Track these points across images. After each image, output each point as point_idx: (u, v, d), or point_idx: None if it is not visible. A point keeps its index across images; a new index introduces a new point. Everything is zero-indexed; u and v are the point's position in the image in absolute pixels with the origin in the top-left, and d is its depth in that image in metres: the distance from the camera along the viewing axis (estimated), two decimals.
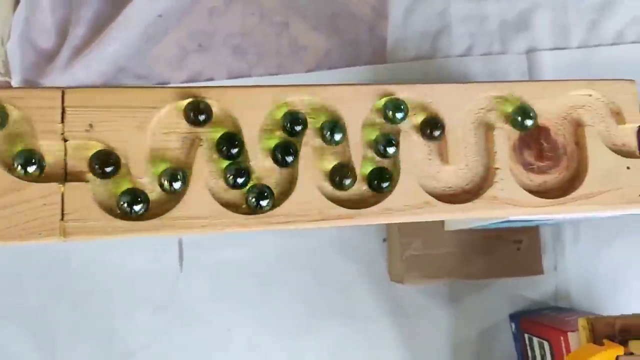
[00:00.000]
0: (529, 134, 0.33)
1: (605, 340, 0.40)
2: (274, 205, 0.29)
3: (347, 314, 0.59)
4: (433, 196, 0.31)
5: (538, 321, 0.52)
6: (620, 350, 0.39)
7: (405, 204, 0.31)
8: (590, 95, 0.34)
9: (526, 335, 0.53)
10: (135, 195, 0.28)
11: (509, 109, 0.32)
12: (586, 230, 0.59)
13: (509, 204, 0.32)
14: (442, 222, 0.53)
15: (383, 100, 0.31)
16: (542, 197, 0.32)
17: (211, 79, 0.62)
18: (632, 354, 0.39)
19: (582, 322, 0.42)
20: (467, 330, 0.58)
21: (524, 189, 0.32)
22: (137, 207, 0.28)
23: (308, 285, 0.59)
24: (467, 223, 0.47)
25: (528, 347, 0.53)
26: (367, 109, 0.31)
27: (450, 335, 0.58)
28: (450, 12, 0.63)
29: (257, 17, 0.63)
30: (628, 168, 0.33)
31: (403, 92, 0.32)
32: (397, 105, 0.31)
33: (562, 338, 0.45)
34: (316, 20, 0.63)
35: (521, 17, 0.63)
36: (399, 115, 0.31)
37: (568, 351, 0.45)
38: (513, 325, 0.57)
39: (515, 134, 0.33)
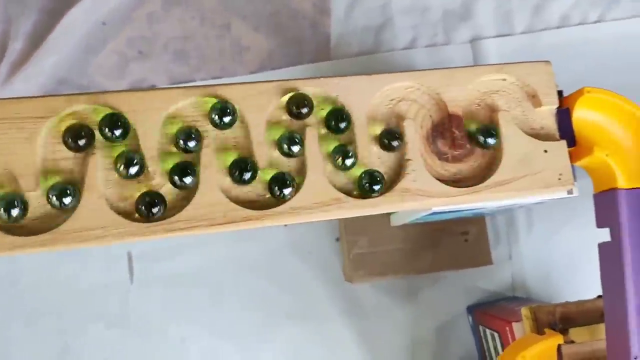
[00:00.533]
0: (441, 123, 0.32)
1: (546, 329, 0.40)
2: (173, 210, 0.28)
3: (304, 316, 0.58)
4: (343, 192, 0.30)
5: (489, 312, 0.51)
6: (560, 338, 0.38)
7: (314, 202, 0.30)
8: (505, 80, 0.33)
9: (480, 327, 0.53)
10: (11, 203, 0.27)
11: (420, 98, 0.31)
12: (539, 217, 0.59)
13: (421, 195, 0.31)
14: (389, 218, 0.52)
15: (287, 97, 0.31)
16: (457, 187, 0.31)
17: (153, 86, 0.61)
18: (572, 341, 0.39)
19: (524, 312, 0.42)
20: (425, 325, 0.57)
21: (439, 179, 0.31)
22: (13, 212, 0.27)
23: (263, 290, 0.58)
24: (407, 217, 0.46)
25: (483, 339, 0.53)
26: (271, 106, 0.31)
27: (409, 331, 0.58)
28: (392, 5, 0.62)
29: (197, 21, 0.62)
30: (545, 151, 0.32)
31: (307, 87, 0.31)
32: (300, 100, 0.30)
33: (507, 328, 0.44)
34: (257, 20, 0.62)
35: (464, 6, 0.63)
36: (303, 110, 0.30)
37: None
38: (470, 318, 0.56)
39: (428, 123, 0.32)
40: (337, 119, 0.30)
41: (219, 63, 0.61)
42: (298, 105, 0.30)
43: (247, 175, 0.29)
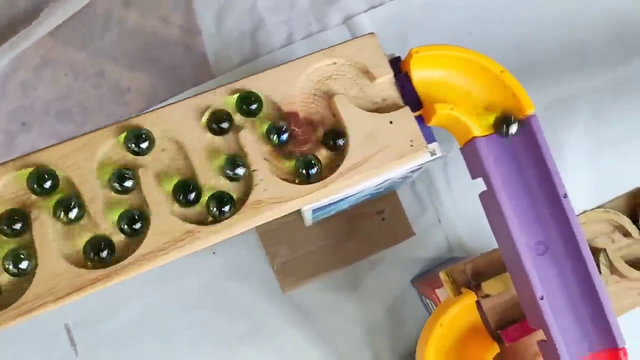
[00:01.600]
0: (277, 125, 0.31)
1: (463, 289, 0.39)
2: (19, 291, 0.27)
3: (258, 336, 0.57)
4: (195, 222, 0.29)
5: (425, 281, 0.51)
6: (472, 296, 0.38)
7: (165, 242, 0.29)
8: (335, 63, 0.33)
9: (423, 298, 0.52)
10: None
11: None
12: (456, 174, 0.58)
13: (275, 203, 0.30)
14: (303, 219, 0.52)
15: (123, 135, 0.30)
16: (312, 182, 0.31)
17: None
18: (487, 295, 0.38)
19: (442, 276, 0.41)
20: (376, 309, 0.57)
21: (292, 181, 0.31)
22: None
23: (211, 321, 0.57)
24: (308, 217, 0.45)
25: (429, 309, 0.52)
26: (97, 157, 0.29)
27: (362, 320, 0.57)
28: (259, 6, 0.61)
29: (70, 76, 0.61)
30: (391, 122, 0.32)
31: (144, 123, 0.30)
32: (137, 135, 0.29)
33: (434, 296, 0.44)
34: (129, 59, 0.61)
35: None
36: (143, 145, 0.29)
37: None
38: (416, 290, 0.56)
39: (263, 127, 0.31)
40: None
41: (103, 112, 0.60)
42: (137, 141, 0.29)
43: (105, 254, 0.28)
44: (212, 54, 0.61)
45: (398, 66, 0.34)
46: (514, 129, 0.33)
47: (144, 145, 0.29)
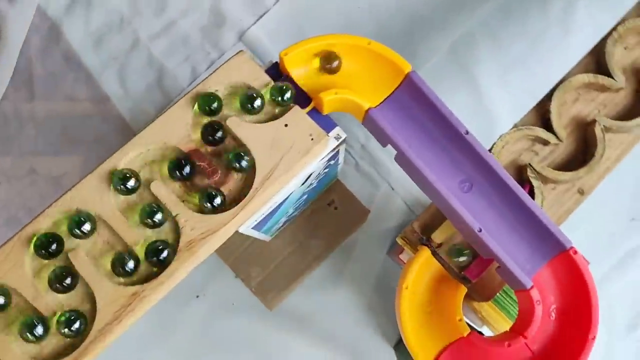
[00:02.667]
0: (182, 167, 0.33)
1: (418, 247, 0.41)
2: None
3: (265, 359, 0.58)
4: (138, 283, 0.31)
5: (392, 251, 0.52)
6: (426, 250, 0.39)
7: (115, 311, 0.30)
8: (217, 90, 0.34)
9: (399, 267, 0.54)
10: None
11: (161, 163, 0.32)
12: None
13: (206, 237, 0.31)
14: None
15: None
16: (235, 205, 0.32)
17: None
18: (440, 244, 0.40)
19: (400, 241, 0.43)
20: (364, 292, 0.58)
21: (215, 213, 0.32)
22: None
23: None
24: (256, 234, 0.46)
25: None
26: (27, 259, 0.31)
27: (355, 306, 0.58)
28: (155, 54, 0.62)
29: (4, 184, 0.61)
30: (286, 125, 0.33)
31: (47, 219, 0.31)
32: (46, 243, 0.31)
33: (400, 262, 0.45)
34: (52, 146, 0.61)
35: (213, 13, 0.63)
36: (52, 248, 0.31)
37: None
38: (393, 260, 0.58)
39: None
40: (79, 225, 0.31)
41: (44, 205, 0.61)
42: (46, 247, 0.30)
43: (40, 331, 0.29)
44: (127, 114, 0.62)
45: (279, 70, 0.35)
46: None
47: (53, 248, 0.30)
